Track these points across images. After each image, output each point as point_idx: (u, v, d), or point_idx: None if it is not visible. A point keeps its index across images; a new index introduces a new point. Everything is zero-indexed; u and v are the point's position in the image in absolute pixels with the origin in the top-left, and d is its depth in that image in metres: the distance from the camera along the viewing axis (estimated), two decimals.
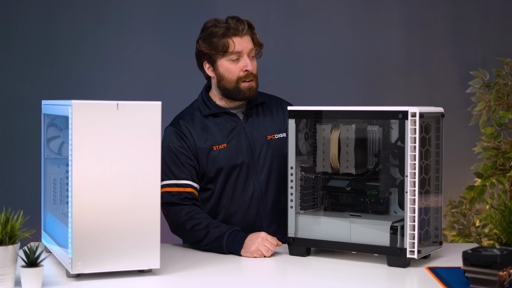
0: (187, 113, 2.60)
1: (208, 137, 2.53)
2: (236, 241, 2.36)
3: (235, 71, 2.51)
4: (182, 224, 2.43)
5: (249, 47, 2.52)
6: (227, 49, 2.48)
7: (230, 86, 2.52)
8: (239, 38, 2.49)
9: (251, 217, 2.55)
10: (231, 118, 2.57)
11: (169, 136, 2.54)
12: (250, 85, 2.52)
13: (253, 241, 2.33)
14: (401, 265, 2.16)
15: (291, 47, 4.10)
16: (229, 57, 2.50)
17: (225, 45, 2.48)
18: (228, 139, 2.53)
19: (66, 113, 2.02)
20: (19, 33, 4.05)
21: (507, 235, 2.04)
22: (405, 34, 4.11)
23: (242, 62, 2.51)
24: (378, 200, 2.34)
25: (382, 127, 2.32)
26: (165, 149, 2.50)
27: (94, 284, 1.98)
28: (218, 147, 2.52)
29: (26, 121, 4.04)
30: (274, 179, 2.56)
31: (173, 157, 2.49)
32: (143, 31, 4.08)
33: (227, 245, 2.36)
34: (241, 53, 2.50)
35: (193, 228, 2.41)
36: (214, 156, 2.51)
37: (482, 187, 3.29)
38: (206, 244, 2.40)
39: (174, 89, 4.02)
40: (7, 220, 1.91)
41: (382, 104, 3.69)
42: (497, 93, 3.31)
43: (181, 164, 2.49)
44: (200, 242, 2.41)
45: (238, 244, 2.35)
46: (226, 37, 2.48)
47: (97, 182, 1.99)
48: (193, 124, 2.54)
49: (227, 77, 2.52)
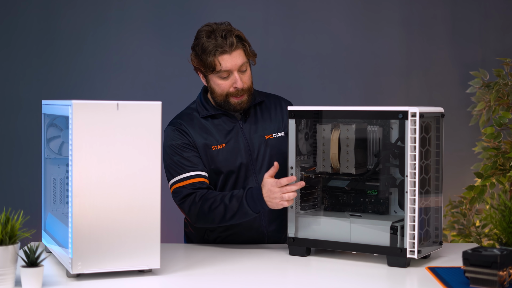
0: (185, 114, 2.59)
1: (207, 137, 2.53)
2: (256, 200, 2.35)
3: (225, 87, 2.49)
4: (200, 210, 2.42)
5: (239, 63, 2.46)
6: (214, 69, 2.46)
7: (220, 100, 2.51)
8: (227, 56, 2.44)
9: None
10: (229, 119, 2.56)
11: (170, 135, 2.53)
12: (240, 100, 2.51)
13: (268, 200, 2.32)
14: (401, 265, 2.16)
15: (291, 47, 4.10)
16: (219, 74, 2.47)
17: (212, 65, 2.45)
18: (227, 139, 2.53)
19: (66, 113, 2.02)
20: (19, 33, 4.05)
21: (507, 235, 2.04)
22: (405, 34, 4.12)
23: (231, 79, 2.47)
24: (378, 200, 2.34)
25: (382, 127, 2.32)
26: (168, 148, 2.51)
27: (94, 284, 1.98)
28: (217, 147, 2.52)
29: (26, 121, 4.04)
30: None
31: (177, 153, 2.49)
32: (143, 31, 4.08)
33: (252, 209, 2.36)
34: (230, 70, 2.46)
35: (211, 208, 2.40)
36: (213, 156, 2.51)
37: (482, 187, 3.29)
38: (231, 217, 2.40)
39: (174, 89, 4.02)
40: (7, 220, 1.91)
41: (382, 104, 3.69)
42: (497, 93, 3.31)
43: (187, 158, 2.49)
44: (224, 217, 2.40)
45: (260, 202, 2.34)
46: (213, 56, 2.43)
47: (97, 182, 1.99)
48: (192, 124, 2.54)
49: (217, 92, 2.51)
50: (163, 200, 2.10)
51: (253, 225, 2.55)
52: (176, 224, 2.80)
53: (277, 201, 2.31)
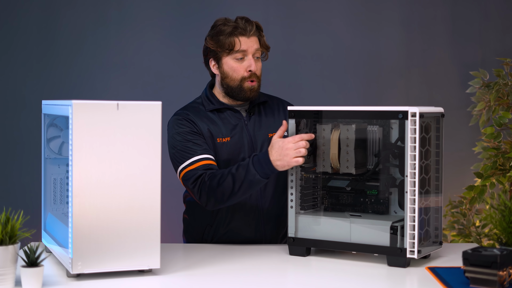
0: (190, 106, 2.61)
1: (214, 128, 2.54)
2: (263, 163, 2.32)
3: (239, 70, 2.52)
4: (209, 187, 2.40)
5: (255, 47, 2.53)
6: (233, 47, 2.50)
7: (234, 84, 2.53)
8: (245, 38, 2.51)
9: (249, 214, 2.56)
10: (234, 114, 2.58)
11: (177, 124, 2.54)
12: (253, 85, 2.53)
13: (280, 157, 2.29)
14: (401, 265, 2.16)
15: (291, 47, 4.10)
16: (234, 55, 2.51)
17: (231, 43, 2.50)
18: (232, 134, 2.55)
19: (66, 113, 2.02)
20: (20, 34, 4.05)
21: (507, 235, 2.04)
22: (405, 34, 4.12)
23: (247, 62, 2.53)
24: (378, 200, 2.34)
25: (382, 127, 2.32)
26: (176, 135, 2.51)
27: (94, 284, 1.98)
28: (222, 140, 2.53)
29: (26, 121, 4.04)
30: (273, 178, 2.57)
31: (186, 139, 2.49)
32: (143, 31, 4.08)
33: (259, 173, 2.32)
34: (246, 52, 2.52)
35: (219, 182, 2.38)
36: (217, 148, 2.52)
37: (482, 187, 3.29)
38: (240, 187, 2.35)
39: (174, 89, 4.02)
40: (7, 220, 1.91)
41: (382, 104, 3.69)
42: (497, 93, 3.31)
43: (195, 143, 2.49)
44: (233, 189, 2.36)
45: (267, 164, 2.31)
46: (233, 36, 2.50)
47: (97, 182, 1.99)
48: (198, 115, 2.56)
49: (231, 75, 2.53)
50: (163, 200, 2.10)
51: (250, 222, 2.56)
52: (176, 224, 2.80)
53: (291, 156, 2.27)
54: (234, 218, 2.57)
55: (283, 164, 2.29)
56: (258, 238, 2.59)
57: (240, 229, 2.57)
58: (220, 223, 2.58)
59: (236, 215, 2.57)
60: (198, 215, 2.62)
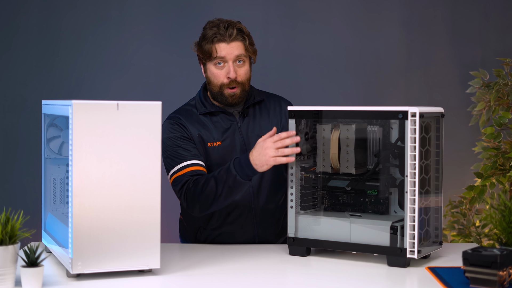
0: (183, 109, 2.62)
1: (205, 132, 2.54)
2: (243, 164, 2.32)
3: (219, 76, 2.51)
4: (194, 193, 2.41)
5: (235, 53, 2.49)
6: (211, 55, 2.49)
7: (215, 90, 2.54)
8: (225, 44, 2.48)
9: (242, 216, 2.57)
10: (227, 117, 2.58)
11: (168, 128, 2.55)
12: (233, 92, 2.52)
13: (259, 157, 2.29)
14: (401, 265, 2.16)
15: (291, 47, 4.10)
16: (214, 61, 2.51)
17: (209, 51, 2.49)
18: (223, 137, 2.55)
19: (66, 113, 2.02)
20: (20, 34, 4.05)
21: (507, 235, 2.04)
22: (405, 34, 4.11)
23: (226, 68, 2.50)
24: (378, 200, 2.34)
25: (382, 127, 2.32)
26: (166, 140, 2.51)
27: (94, 284, 1.98)
28: (212, 144, 2.53)
29: (27, 121, 4.04)
30: (267, 178, 2.57)
31: (176, 144, 2.50)
32: (143, 31, 4.08)
33: (240, 174, 2.32)
34: (225, 58, 2.49)
35: (203, 187, 2.39)
36: (208, 153, 2.53)
37: (482, 187, 3.29)
38: (222, 190, 2.35)
39: (174, 89, 4.02)
40: (7, 220, 1.91)
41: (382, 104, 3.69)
42: (497, 93, 3.31)
43: (185, 148, 2.50)
44: (216, 192, 2.36)
45: (247, 165, 2.31)
46: (211, 43, 2.48)
47: (97, 182, 1.99)
48: (190, 119, 2.56)
49: (212, 81, 2.54)
50: (163, 200, 2.10)
51: (243, 223, 2.56)
52: (176, 224, 2.80)
53: (270, 156, 2.26)
54: (227, 220, 2.57)
55: (261, 164, 2.29)
56: (252, 240, 2.59)
57: (234, 230, 2.57)
58: (213, 224, 2.58)
59: (229, 217, 2.56)
60: (192, 217, 2.62)
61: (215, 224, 2.57)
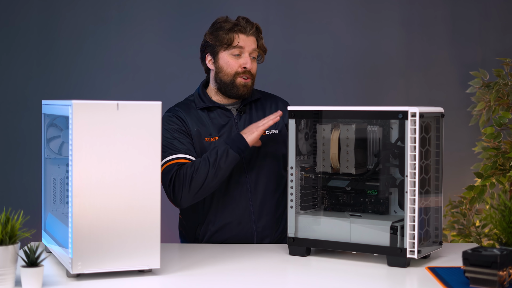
0: (183, 103, 2.65)
1: (202, 127, 2.57)
2: (234, 138, 2.47)
3: (234, 65, 2.56)
4: (185, 176, 2.43)
5: (252, 46, 2.57)
6: (231, 43, 2.54)
7: (227, 79, 2.56)
8: (244, 36, 2.56)
9: (240, 212, 2.58)
10: (224, 113, 2.60)
11: (167, 120, 2.57)
12: (246, 82, 2.56)
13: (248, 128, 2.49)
14: (401, 265, 2.16)
15: (291, 47, 4.10)
16: (231, 51, 2.55)
17: (230, 39, 2.54)
18: (220, 133, 2.57)
19: (66, 113, 2.02)
20: (20, 34, 4.05)
21: (507, 235, 2.04)
22: (405, 34, 4.12)
23: (243, 59, 2.56)
24: (378, 200, 2.34)
25: (382, 127, 2.32)
26: (163, 131, 2.52)
27: (94, 284, 1.98)
28: (209, 140, 2.55)
29: (27, 121, 4.05)
30: (264, 175, 2.58)
31: (173, 136, 2.52)
32: (143, 31, 4.08)
33: (231, 146, 2.45)
34: (243, 49, 2.55)
35: (196, 169, 2.44)
36: (205, 148, 2.54)
37: (482, 187, 3.29)
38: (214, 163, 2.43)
39: (174, 89, 4.02)
40: (7, 220, 1.91)
41: (382, 104, 3.69)
42: (497, 93, 3.31)
43: (182, 142, 2.52)
44: (209, 169, 2.43)
45: (238, 138, 2.46)
46: (232, 32, 2.54)
47: (97, 182, 1.99)
48: (189, 113, 2.59)
49: (225, 70, 2.56)
50: (163, 200, 2.10)
51: (241, 219, 2.56)
52: (176, 224, 2.80)
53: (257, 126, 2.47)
54: (224, 215, 2.57)
55: (251, 131, 2.45)
56: (250, 236, 2.59)
57: (231, 227, 2.58)
58: (211, 220, 2.58)
59: (226, 211, 2.57)
60: (190, 215, 2.63)
61: (214, 220, 2.58)
